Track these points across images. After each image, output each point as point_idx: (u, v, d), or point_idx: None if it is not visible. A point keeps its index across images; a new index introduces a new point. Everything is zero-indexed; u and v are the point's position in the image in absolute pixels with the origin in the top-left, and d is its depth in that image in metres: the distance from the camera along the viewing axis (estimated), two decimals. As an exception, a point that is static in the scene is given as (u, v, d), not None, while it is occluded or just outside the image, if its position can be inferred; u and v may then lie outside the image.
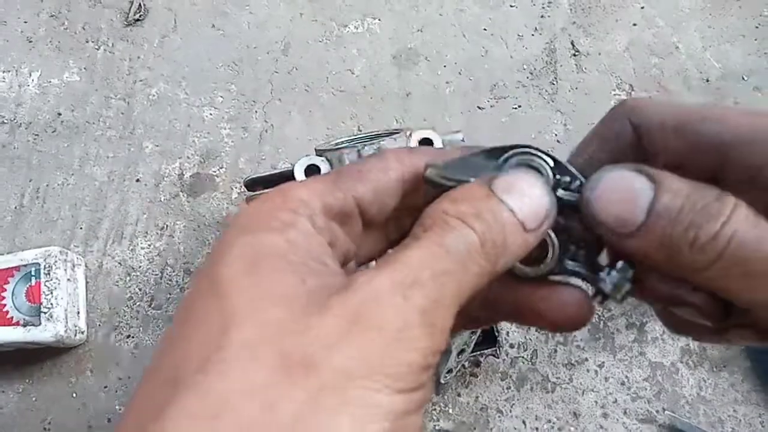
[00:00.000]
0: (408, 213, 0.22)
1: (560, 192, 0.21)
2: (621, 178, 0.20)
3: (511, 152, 0.22)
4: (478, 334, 0.50)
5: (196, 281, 0.19)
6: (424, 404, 0.17)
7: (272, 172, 0.47)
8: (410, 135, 0.45)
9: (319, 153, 0.46)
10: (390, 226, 0.23)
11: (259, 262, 0.18)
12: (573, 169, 0.22)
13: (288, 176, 0.45)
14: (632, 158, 0.21)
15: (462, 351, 0.49)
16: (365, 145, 0.45)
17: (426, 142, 0.45)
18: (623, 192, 0.19)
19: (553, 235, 0.22)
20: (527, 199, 0.20)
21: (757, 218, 0.19)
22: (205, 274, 0.18)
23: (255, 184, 0.48)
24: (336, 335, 0.16)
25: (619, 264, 0.21)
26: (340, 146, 0.46)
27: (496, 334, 0.53)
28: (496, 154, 0.23)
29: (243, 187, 0.51)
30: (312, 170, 0.45)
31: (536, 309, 0.22)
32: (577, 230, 0.22)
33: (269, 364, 0.16)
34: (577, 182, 0.22)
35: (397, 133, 0.46)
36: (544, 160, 0.22)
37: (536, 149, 0.22)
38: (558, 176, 0.22)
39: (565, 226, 0.22)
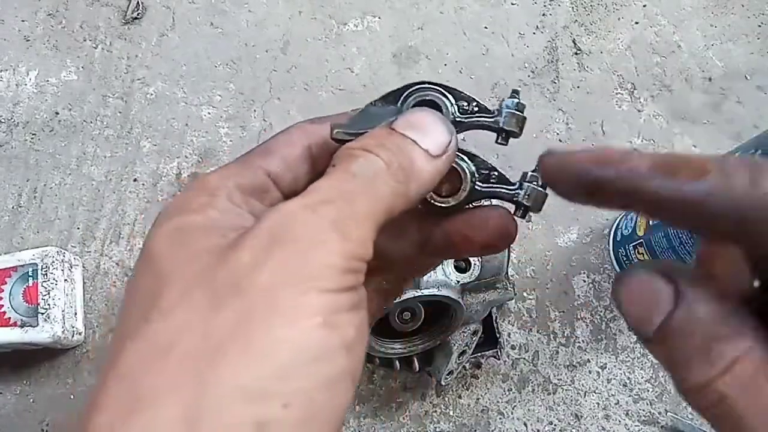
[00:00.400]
0: None
1: (460, 117, 0.23)
2: (647, 281, 0.20)
3: (406, 92, 0.23)
4: (479, 335, 0.49)
5: (134, 266, 0.21)
6: (357, 305, 0.19)
7: None
8: None
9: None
10: None
11: (183, 233, 0.20)
12: (467, 94, 0.24)
13: None
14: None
15: (463, 352, 0.49)
16: None
17: None
18: (645, 295, 0.19)
19: (463, 164, 0.23)
20: (428, 130, 0.21)
21: (763, 378, 0.17)
22: (139, 256, 0.21)
23: None
24: (255, 258, 0.18)
25: (529, 174, 0.23)
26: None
27: (498, 335, 0.53)
28: (393, 98, 0.24)
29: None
30: None
31: (463, 235, 0.23)
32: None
33: (201, 300, 0.17)
34: (474, 103, 0.23)
35: None
36: (440, 92, 0.23)
37: (428, 83, 0.23)
38: (458, 103, 0.23)
39: (471, 154, 0.23)
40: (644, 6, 0.75)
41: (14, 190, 0.64)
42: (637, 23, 0.74)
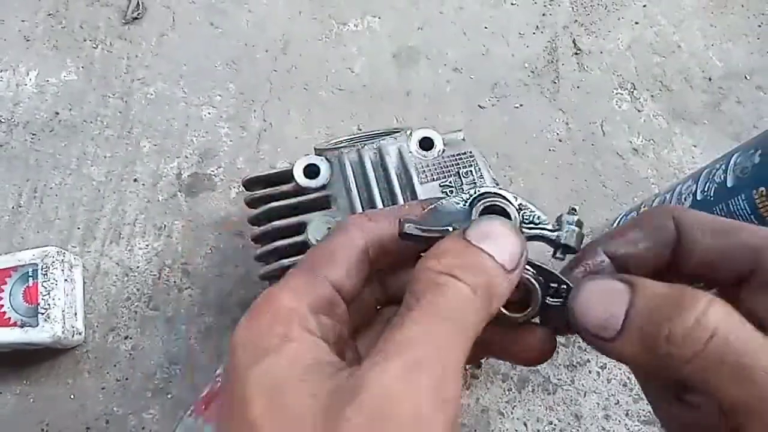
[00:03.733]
0: (377, 274, 0.24)
1: (525, 228, 0.24)
2: (600, 284, 0.21)
3: (477, 197, 0.24)
4: None
5: (226, 414, 0.20)
6: None
7: (271, 172, 0.47)
8: (410, 134, 0.45)
9: (319, 152, 0.45)
10: (365, 292, 0.24)
11: (278, 392, 0.19)
12: (536, 211, 0.24)
13: (287, 176, 0.45)
14: (668, 252, 0.23)
15: None
16: (364, 144, 0.44)
17: (426, 141, 0.44)
18: (602, 298, 0.21)
19: (532, 279, 0.23)
20: (501, 242, 0.21)
21: (742, 318, 0.19)
22: (232, 408, 0.19)
23: (254, 184, 0.47)
24: None
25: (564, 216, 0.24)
26: (339, 146, 0.45)
27: None
28: (461, 199, 0.24)
29: (241, 186, 0.50)
30: (311, 170, 0.44)
31: (509, 351, 0.24)
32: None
33: None
34: (536, 214, 0.24)
35: (397, 132, 0.45)
36: (509, 202, 0.24)
37: (498, 192, 0.24)
38: (522, 211, 0.24)
39: (539, 269, 0.24)
40: (644, 6, 0.75)
41: (14, 190, 0.64)
42: (637, 23, 0.74)
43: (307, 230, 0.42)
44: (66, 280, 0.57)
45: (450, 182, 0.42)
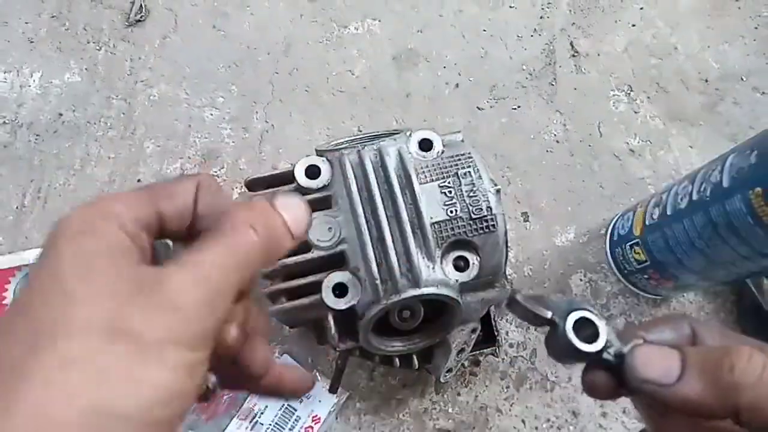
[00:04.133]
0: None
1: (606, 354, 0.29)
2: (654, 347, 0.28)
3: (576, 308, 0.30)
4: (477, 333, 0.50)
5: (35, 276, 0.24)
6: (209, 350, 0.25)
7: (273, 173, 0.47)
8: (410, 135, 0.45)
9: (320, 153, 0.46)
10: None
11: (88, 261, 0.23)
12: (615, 342, 0.29)
13: (288, 177, 0.45)
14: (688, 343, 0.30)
15: (461, 350, 0.49)
16: (365, 144, 0.45)
17: (425, 142, 0.45)
18: (659, 355, 0.27)
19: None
20: (296, 213, 0.28)
21: None
22: (45, 272, 0.23)
23: (256, 185, 0.48)
24: (150, 315, 0.22)
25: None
26: (339, 147, 0.46)
27: (496, 333, 0.53)
28: (564, 304, 0.30)
29: (244, 187, 0.51)
30: (312, 170, 0.45)
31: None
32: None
33: (101, 335, 0.22)
34: (618, 349, 0.29)
35: (397, 133, 0.46)
36: (600, 324, 0.29)
37: (595, 313, 0.30)
38: (609, 342, 0.29)
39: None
40: (641, 9, 0.76)
41: (18, 191, 0.65)
42: (633, 26, 0.75)
43: (308, 231, 0.42)
44: (70, 279, 0.58)
45: (449, 183, 0.42)
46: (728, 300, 0.61)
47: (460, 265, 0.42)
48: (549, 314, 0.29)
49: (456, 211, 0.42)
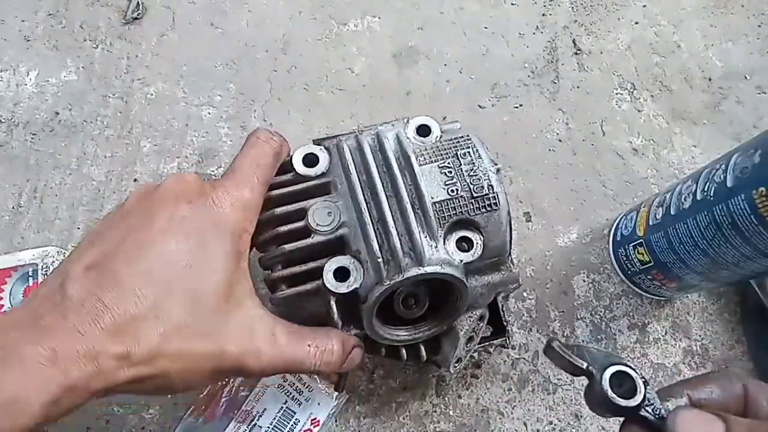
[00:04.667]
0: None
1: (645, 411, 0.28)
2: (696, 412, 0.27)
3: (616, 364, 0.29)
4: (486, 320, 0.48)
5: (156, 203, 0.38)
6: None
7: None
8: (407, 122, 0.45)
9: (317, 142, 0.46)
10: None
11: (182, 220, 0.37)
12: (655, 399, 0.29)
13: (286, 166, 0.45)
14: (738, 407, 0.29)
15: (470, 339, 0.48)
16: (362, 131, 0.45)
17: (423, 128, 0.45)
18: (700, 422, 0.26)
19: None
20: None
21: None
22: (168, 211, 0.37)
23: None
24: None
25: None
26: (337, 135, 0.45)
27: (505, 323, 0.51)
28: (601, 356, 0.30)
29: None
30: (310, 158, 0.44)
31: None
32: None
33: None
34: (658, 406, 0.29)
35: (394, 121, 0.46)
36: (640, 376, 0.29)
37: (633, 368, 0.30)
38: (647, 399, 0.28)
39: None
40: (644, 6, 0.75)
41: (14, 190, 0.64)
42: (636, 23, 0.74)
43: (307, 215, 0.42)
44: (66, 280, 0.57)
45: (448, 163, 0.42)
46: (732, 301, 0.61)
47: (464, 246, 0.41)
48: (585, 365, 0.29)
49: (457, 190, 0.41)
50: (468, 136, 0.44)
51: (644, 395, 0.28)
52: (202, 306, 0.35)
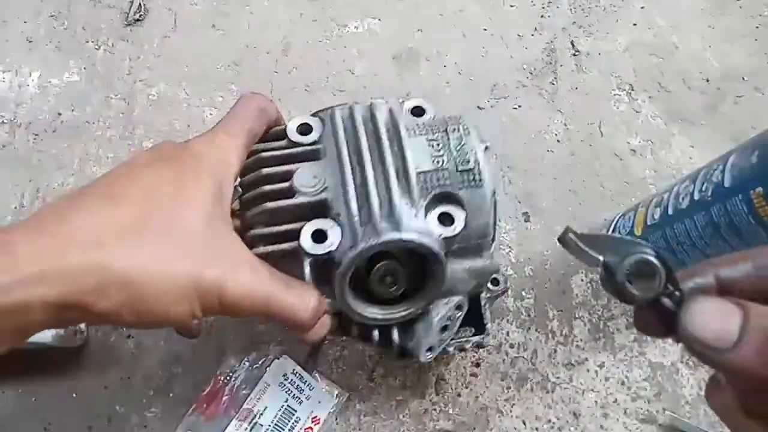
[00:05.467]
0: None
1: (664, 299, 0.26)
2: (714, 302, 0.24)
3: (637, 251, 0.27)
4: (463, 311, 0.47)
5: (179, 155, 0.39)
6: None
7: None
8: (402, 102, 0.45)
9: (314, 114, 0.46)
10: None
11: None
12: (677, 283, 0.26)
13: (280, 133, 0.45)
14: None
15: (445, 327, 0.46)
16: (356, 102, 0.45)
17: (418, 109, 0.45)
18: (717, 313, 0.23)
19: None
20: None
21: None
22: (189, 163, 0.38)
23: None
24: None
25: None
26: (334, 106, 0.46)
27: (485, 322, 0.50)
28: (621, 245, 0.28)
29: None
30: (304, 128, 0.45)
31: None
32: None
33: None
34: (678, 294, 0.26)
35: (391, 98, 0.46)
36: (663, 264, 0.26)
37: (656, 253, 0.27)
38: (668, 285, 0.26)
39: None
40: (642, 8, 0.75)
41: (17, 191, 0.65)
42: (635, 25, 0.74)
43: (293, 178, 0.42)
44: (69, 279, 0.58)
45: (437, 138, 0.42)
46: (730, 300, 0.61)
47: (445, 221, 0.41)
48: (601, 258, 0.27)
49: (443, 162, 0.41)
50: (461, 116, 0.44)
51: (664, 285, 0.26)
52: (181, 232, 0.34)
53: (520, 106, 0.69)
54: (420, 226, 0.40)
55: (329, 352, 0.58)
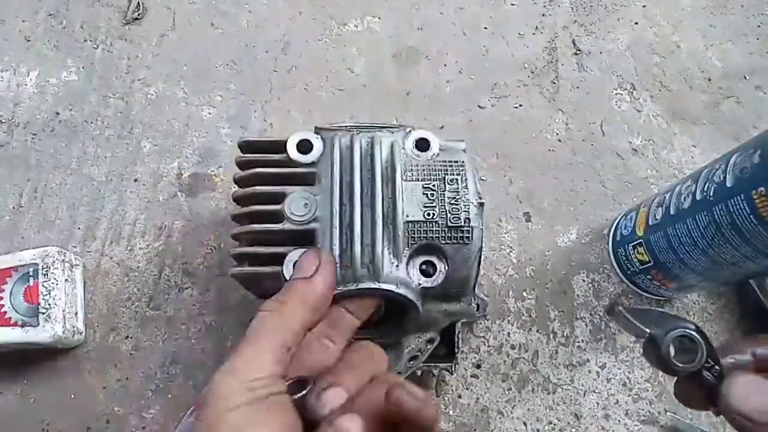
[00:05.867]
0: None
1: (705, 373, 0.28)
2: (754, 379, 0.26)
3: (681, 326, 0.29)
4: (434, 344, 0.49)
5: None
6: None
7: (267, 139, 0.47)
8: (409, 132, 0.45)
9: (317, 130, 0.46)
10: None
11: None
12: (717, 358, 0.29)
13: (281, 146, 0.45)
14: None
15: (414, 357, 0.48)
16: (360, 131, 0.45)
17: (423, 142, 0.44)
18: (758, 390, 0.25)
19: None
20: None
21: None
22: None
23: (249, 148, 0.48)
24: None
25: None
26: (337, 126, 0.45)
27: (456, 350, 0.52)
28: (666, 319, 0.30)
29: (237, 147, 0.50)
30: (305, 145, 0.44)
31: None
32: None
33: None
34: (717, 368, 0.28)
35: (396, 128, 0.45)
36: (704, 339, 0.28)
37: (697, 328, 0.29)
38: (709, 360, 0.28)
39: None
40: (644, 6, 0.75)
41: (15, 190, 0.64)
42: (636, 24, 0.74)
43: (284, 202, 0.42)
44: (67, 280, 0.57)
45: (433, 186, 0.42)
46: (731, 301, 0.61)
47: (427, 270, 0.41)
48: (648, 331, 0.29)
49: (434, 214, 0.41)
50: (462, 162, 0.43)
51: (705, 359, 0.28)
52: None
53: (521, 105, 0.69)
54: (399, 275, 0.40)
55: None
